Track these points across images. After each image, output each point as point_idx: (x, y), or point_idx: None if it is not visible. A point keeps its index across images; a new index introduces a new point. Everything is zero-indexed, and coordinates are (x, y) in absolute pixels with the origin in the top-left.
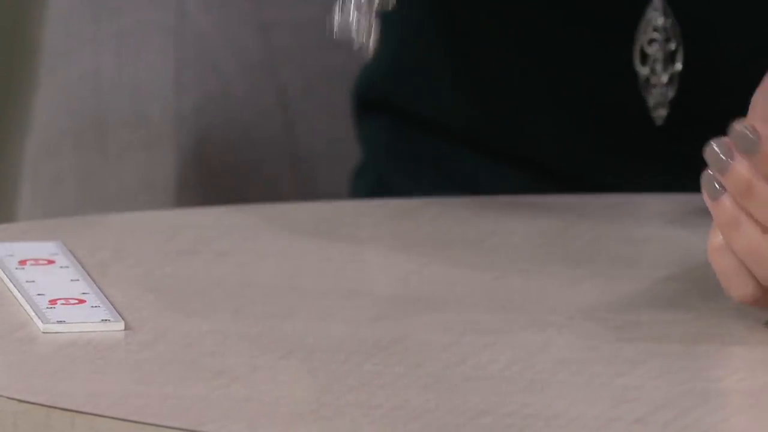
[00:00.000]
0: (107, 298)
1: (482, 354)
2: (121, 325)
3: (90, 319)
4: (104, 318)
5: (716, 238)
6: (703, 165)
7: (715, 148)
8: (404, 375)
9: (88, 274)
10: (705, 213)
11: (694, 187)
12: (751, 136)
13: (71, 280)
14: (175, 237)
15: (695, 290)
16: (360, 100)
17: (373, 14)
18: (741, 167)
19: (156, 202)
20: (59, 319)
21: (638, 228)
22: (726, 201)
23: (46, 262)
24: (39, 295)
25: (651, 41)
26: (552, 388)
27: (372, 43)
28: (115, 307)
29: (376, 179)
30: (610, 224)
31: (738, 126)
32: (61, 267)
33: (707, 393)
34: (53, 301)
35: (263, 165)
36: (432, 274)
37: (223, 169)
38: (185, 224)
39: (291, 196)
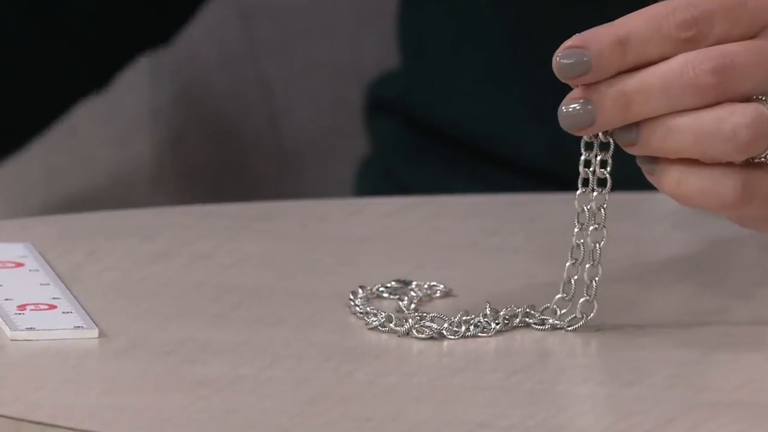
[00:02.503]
0: (80, 304)
1: (480, 363)
2: (94, 333)
3: (61, 325)
4: (77, 325)
5: (668, 178)
6: None
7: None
8: (397, 385)
9: (60, 278)
10: (708, 213)
11: None
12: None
13: (41, 284)
14: (151, 238)
15: (707, 295)
16: (374, 100)
17: None
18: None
19: (131, 200)
20: (29, 326)
21: (645, 229)
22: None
23: (14, 264)
24: (7, 300)
25: None
26: (554, 399)
27: None
28: (88, 313)
29: (383, 173)
30: (616, 225)
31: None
32: (31, 270)
33: (720, 405)
34: (22, 307)
35: (245, 161)
36: (426, 277)
37: (203, 166)
38: (162, 224)
39: (276, 194)
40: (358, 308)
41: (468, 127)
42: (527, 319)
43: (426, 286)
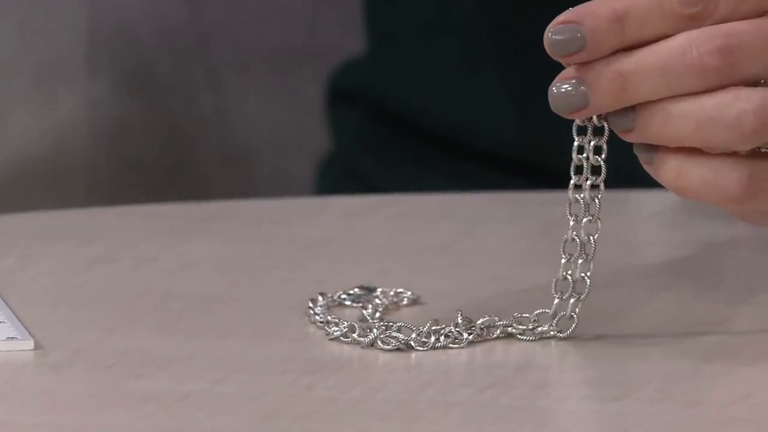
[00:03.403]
0: (13, 313)
1: (451, 376)
2: (30, 344)
3: None
4: (10, 336)
5: (667, 168)
6: None
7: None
8: (361, 400)
9: None
10: (702, 213)
11: None
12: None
13: None
14: (90, 241)
15: (699, 301)
16: (336, 90)
17: None
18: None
19: (67, 200)
20: None
21: (631, 229)
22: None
23: None
24: None
25: None
26: (533, 416)
27: None
28: (22, 323)
29: (346, 169)
30: (601, 225)
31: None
32: None
33: (714, 422)
34: None
35: (193, 156)
36: (392, 283)
37: (146, 162)
38: (102, 226)
39: (227, 193)
40: (317, 317)
41: (440, 118)
42: (509, 329)
43: (392, 293)
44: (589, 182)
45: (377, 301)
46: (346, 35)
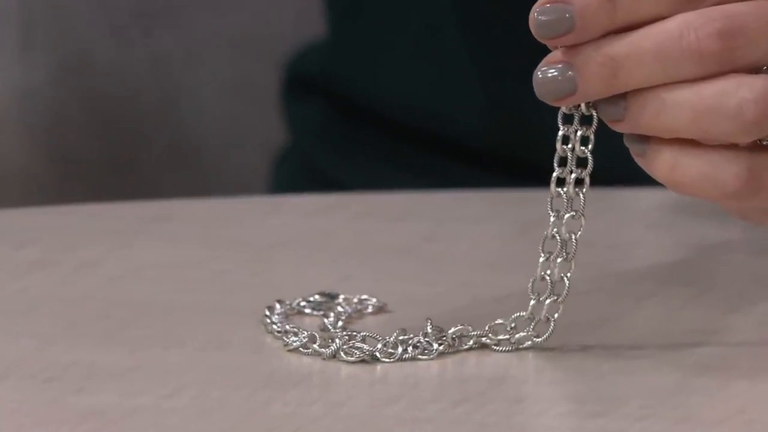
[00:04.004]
0: None
1: (420, 390)
2: None
3: None
4: None
5: (661, 161)
6: None
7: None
8: (323, 417)
9: None
10: (693, 213)
11: None
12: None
13: None
14: (26, 243)
15: (689, 310)
16: (293, 78)
17: None
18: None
19: (1, 199)
20: None
21: (616, 232)
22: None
23: None
24: None
25: None
26: None
27: None
28: None
29: (304, 164)
30: (584, 222)
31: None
32: None
33: None
34: None
35: (137, 152)
36: (356, 289)
37: (86, 157)
38: (39, 227)
39: (175, 191)
40: (275, 326)
41: (406, 106)
42: (482, 339)
43: (355, 300)
44: (573, 175)
45: (339, 308)
46: (304, 19)
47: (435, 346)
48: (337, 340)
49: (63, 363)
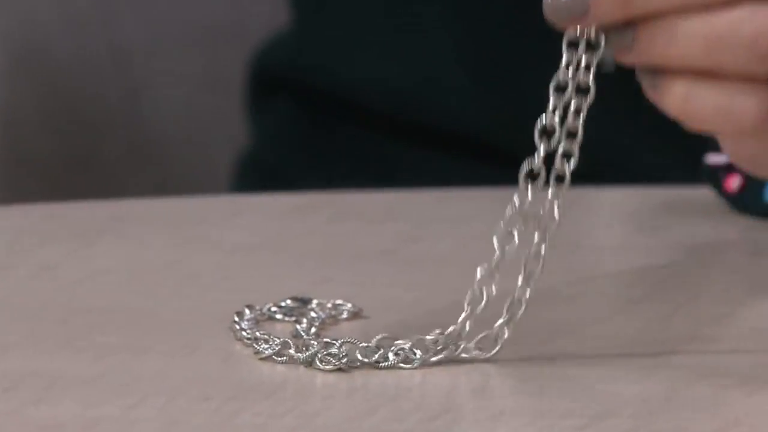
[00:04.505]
0: None
1: (399, 401)
2: None
3: None
4: None
5: (674, 93)
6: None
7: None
8: (296, 428)
9: None
10: (682, 213)
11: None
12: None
13: None
14: None
15: (680, 316)
16: (258, 77)
17: None
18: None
19: None
20: None
21: (599, 231)
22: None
23: None
24: None
25: None
26: None
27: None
28: None
29: (270, 168)
30: (560, 226)
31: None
32: None
33: None
34: None
35: (97, 149)
36: (330, 294)
37: (44, 155)
38: None
39: (137, 190)
40: (244, 333)
41: (382, 97)
42: (465, 346)
43: (329, 305)
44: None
45: (313, 314)
46: (272, 10)
47: (418, 353)
48: (311, 348)
49: (21, 372)
